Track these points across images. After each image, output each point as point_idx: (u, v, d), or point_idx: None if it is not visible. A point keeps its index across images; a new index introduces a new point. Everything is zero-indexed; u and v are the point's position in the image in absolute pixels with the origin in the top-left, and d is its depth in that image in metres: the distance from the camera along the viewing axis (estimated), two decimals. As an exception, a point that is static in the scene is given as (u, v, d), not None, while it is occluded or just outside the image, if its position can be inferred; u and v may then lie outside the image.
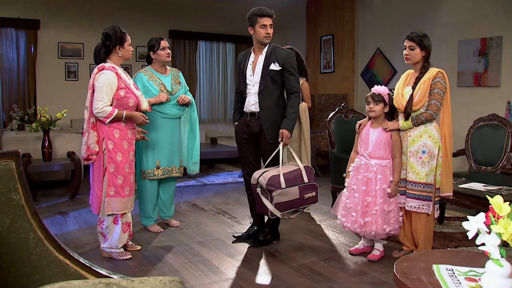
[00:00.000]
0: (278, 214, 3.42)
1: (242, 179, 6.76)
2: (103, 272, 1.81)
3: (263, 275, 3.22)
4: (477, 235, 1.43)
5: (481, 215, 1.42)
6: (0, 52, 7.49)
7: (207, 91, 9.29)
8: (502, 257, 1.43)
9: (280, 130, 3.61)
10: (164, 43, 4.10)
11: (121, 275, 1.84)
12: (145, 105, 3.56)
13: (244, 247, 3.79)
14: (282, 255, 3.61)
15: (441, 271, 1.56)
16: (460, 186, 3.78)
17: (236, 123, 3.92)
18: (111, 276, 1.78)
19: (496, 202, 1.39)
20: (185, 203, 5.35)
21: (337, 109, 5.09)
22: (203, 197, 5.69)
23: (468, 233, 1.42)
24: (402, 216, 3.37)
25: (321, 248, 3.79)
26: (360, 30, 7.64)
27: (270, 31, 3.62)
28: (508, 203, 1.38)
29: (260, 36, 3.63)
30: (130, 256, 3.52)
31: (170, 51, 4.13)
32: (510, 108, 5.25)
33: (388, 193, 3.30)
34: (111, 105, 3.33)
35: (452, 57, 5.91)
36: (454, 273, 1.55)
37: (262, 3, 4.58)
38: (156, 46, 4.10)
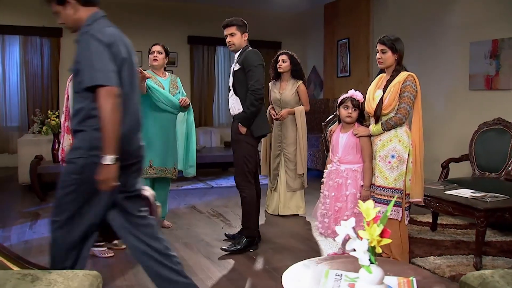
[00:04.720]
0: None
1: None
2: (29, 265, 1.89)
3: (232, 276, 3.24)
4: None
5: (352, 220, 1.39)
6: (26, 59, 7.89)
7: (226, 95, 9.36)
8: (372, 263, 1.38)
9: None
10: (154, 47, 4.19)
11: (47, 269, 1.92)
12: None
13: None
14: (259, 258, 3.61)
15: (329, 276, 1.53)
16: (446, 192, 3.65)
17: None
18: (34, 268, 1.86)
19: (364, 207, 1.36)
20: (186, 205, 5.43)
21: (334, 113, 5.03)
22: (205, 199, 5.76)
23: (336, 238, 1.39)
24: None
25: (302, 251, 3.75)
26: (375, 33, 7.51)
27: (230, 39, 3.71)
28: (377, 209, 1.34)
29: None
30: (112, 254, 3.63)
31: (158, 56, 4.18)
32: (520, 112, 5.01)
33: (358, 198, 3.24)
34: None
35: (464, 59, 5.72)
36: (341, 279, 1.52)
37: (280, 6, 4.45)
38: (149, 50, 4.23)
